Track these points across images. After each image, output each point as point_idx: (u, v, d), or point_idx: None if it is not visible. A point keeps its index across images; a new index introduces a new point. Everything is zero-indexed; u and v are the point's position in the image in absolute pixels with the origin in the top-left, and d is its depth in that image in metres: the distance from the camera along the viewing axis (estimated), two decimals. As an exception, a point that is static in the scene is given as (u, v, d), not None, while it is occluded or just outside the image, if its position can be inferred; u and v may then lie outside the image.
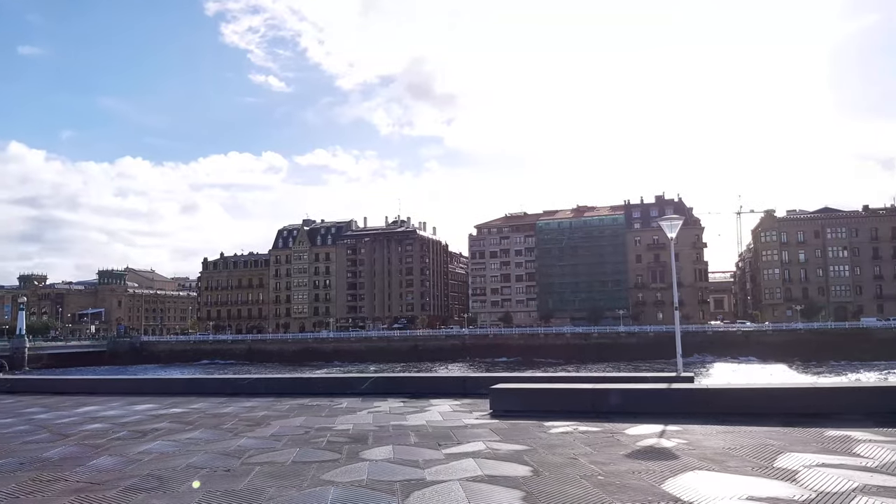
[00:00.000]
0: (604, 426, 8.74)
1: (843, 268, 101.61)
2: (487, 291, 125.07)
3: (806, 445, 7.18)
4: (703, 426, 8.55)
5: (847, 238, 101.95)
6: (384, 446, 7.67)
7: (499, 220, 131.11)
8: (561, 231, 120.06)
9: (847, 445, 7.11)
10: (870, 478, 5.61)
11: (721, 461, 6.40)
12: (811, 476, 5.70)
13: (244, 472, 6.41)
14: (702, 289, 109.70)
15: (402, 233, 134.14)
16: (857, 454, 6.65)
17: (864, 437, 7.54)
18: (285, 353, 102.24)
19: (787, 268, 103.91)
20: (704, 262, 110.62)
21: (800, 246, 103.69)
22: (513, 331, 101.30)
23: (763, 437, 7.68)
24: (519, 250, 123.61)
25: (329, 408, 11.85)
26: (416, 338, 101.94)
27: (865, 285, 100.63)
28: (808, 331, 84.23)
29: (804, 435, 7.82)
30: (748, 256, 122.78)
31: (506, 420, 9.57)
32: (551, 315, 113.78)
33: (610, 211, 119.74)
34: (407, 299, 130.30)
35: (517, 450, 7.21)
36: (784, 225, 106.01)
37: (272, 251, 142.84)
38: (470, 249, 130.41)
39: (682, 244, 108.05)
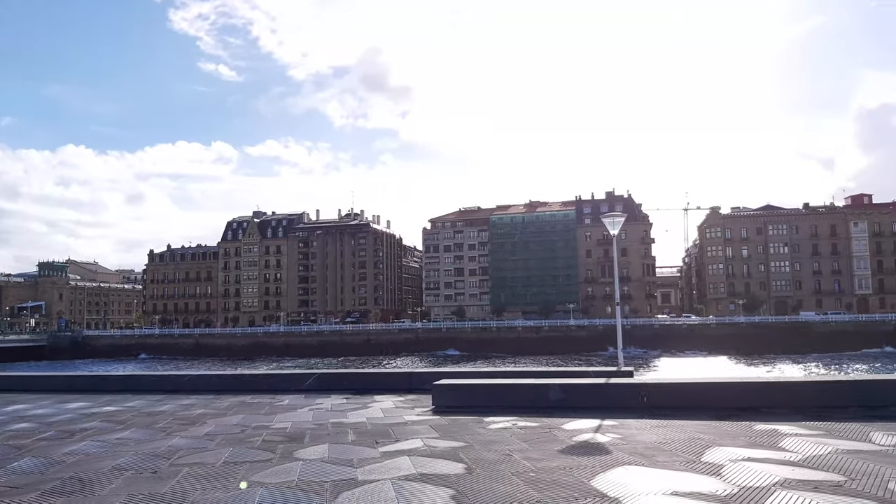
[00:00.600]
0: (542, 421, 8.81)
1: (783, 264, 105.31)
2: (441, 285, 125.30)
3: (734, 439, 7.36)
4: (638, 420, 8.69)
5: (788, 235, 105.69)
6: (320, 445, 7.56)
7: (453, 215, 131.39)
8: (514, 226, 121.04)
9: (773, 439, 7.32)
10: (791, 472, 5.77)
11: (651, 456, 6.51)
12: (735, 470, 5.84)
13: (171, 474, 6.22)
14: (649, 283, 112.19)
15: (356, 226, 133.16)
16: (783, 448, 6.85)
17: (790, 431, 7.77)
18: (234, 348, 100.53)
19: (731, 263, 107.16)
20: (652, 258, 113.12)
21: (743, 242, 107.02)
22: (466, 324, 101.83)
23: (694, 431, 7.86)
24: (472, 244, 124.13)
25: (270, 405, 11.64)
26: (369, 332, 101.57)
27: (805, 281, 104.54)
28: (750, 325, 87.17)
29: (734, 429, 8.03)
30: (694, 252, 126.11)
31: (447, 416, 9.56)
32: (504, 309, 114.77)
33: (562, 206, 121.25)
34: (360, 293, 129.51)
35: (454, 447, 7.20)
36: (728, 222, 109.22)
37: (221, 243, 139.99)
38: (424, 243, 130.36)
39: (631, 240, 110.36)
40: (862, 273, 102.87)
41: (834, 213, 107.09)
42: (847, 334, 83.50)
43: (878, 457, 6.40)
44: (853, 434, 7.56)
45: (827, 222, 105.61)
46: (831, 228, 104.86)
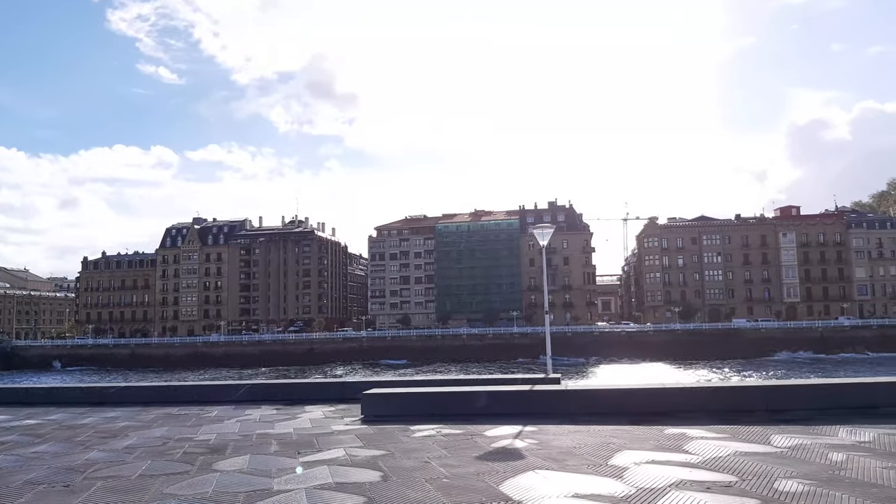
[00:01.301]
0: (467, 428, 9.02)
1: (717, 272, 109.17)
2: (387, 293, 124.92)
3: (643, 443, 7.73)
4: (557, 426, 9.00)
5: (721, 245, 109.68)
6: (241, 456, 7.57)
7: (399, 223, 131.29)
8: (459, 234, 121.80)
9: (680, 442, 7.71)
10: (689, 473, 6.12)
11: (562, 460, 6.79)
12: (638, 473, 6.16)
13: (83, 488, 6.15)
14: (590, 291, 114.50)
15: (300, 233, 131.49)
16: (686, 451, 7.24)
17: (697, 435, 8.19)
18: (172, 359, 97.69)
19: (668, 272, 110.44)
20: (593, 266, 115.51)
21: (679, 252, 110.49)
22: (411, 333, 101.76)
23: (608, 436, 8.20)
24: (418, 252, 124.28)
25: (197, 417, 11.51)
26: (312, 341, 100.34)
27: (737, 289, 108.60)
28: (685, 331, 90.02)
29: (645, 433, 8.41)
30: (633, 261, 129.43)
31: (375, 425, 9.67)
32: (449, 317, 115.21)
33: (506, 215, 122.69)
34: (304, 301, 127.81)
35: (375, 455, 7.33)
36: (665, 232, 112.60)
37: (159, 250, 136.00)
38: (370, 251, 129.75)
39: (573, 249, 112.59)
40: (790, 282, 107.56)
41: (764, 223, 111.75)
42: (776, 340, 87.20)
43: (772, 458, 6.83)
44: (755, 437, 8.02)
45: (757, 233, 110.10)
46: (762, 239, 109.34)
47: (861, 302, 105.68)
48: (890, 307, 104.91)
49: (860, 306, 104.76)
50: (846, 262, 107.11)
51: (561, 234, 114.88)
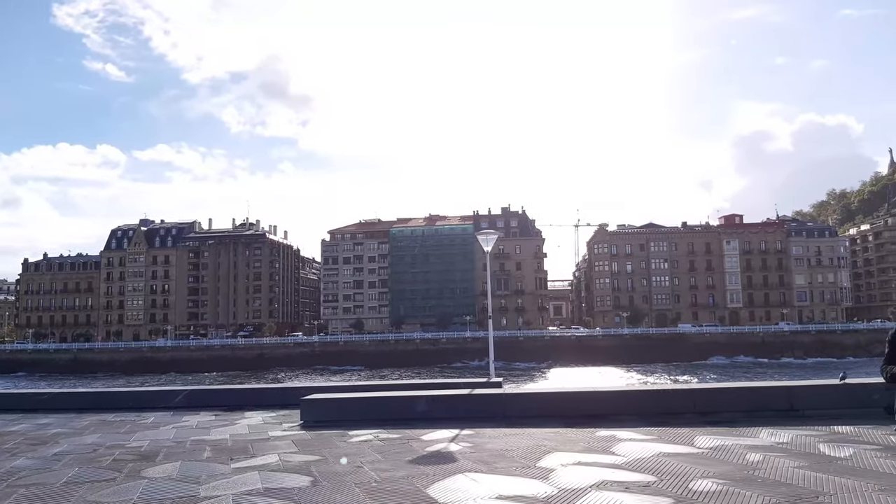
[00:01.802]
0: (405, 433, 9.09)
1: (664, 278, 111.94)
2: (340, 298, 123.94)
3: (574, 445, 7.94)
4: (494, 429, 9.15)
5: (668, 251, 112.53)
6: (172, 463, 7.48)
7: (353, 226, 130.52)
8: (414, 239, 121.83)
9: (608, 444, 7.95)
10: (611, 474, 6.33)
11: (492, 463, 6.93)
12: (563, 474, 6.34)
13: (3, 496, 6.00)
14: (542, 296, 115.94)
15: (251, 236, 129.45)
16: (613, 452, 7.47)
17: (627, 437, 8.45)
18: (117, 364, 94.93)
19: (617, 278, 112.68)
20: (545, 271, 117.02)
21: (628, 258, 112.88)
22: (364, 338, 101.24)
23: (541, 439, 8.38)
24: (372, 256, 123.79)
25: (132, 423, 11.28)
26: (263, 346, 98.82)
27: (683, 295, 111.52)
28: (633, 336, 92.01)
29: (577, 435, 8.63)
30: (584, 266, 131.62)
31: (313, 431, 9.66)
32: (403, 321, 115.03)
33: (460, 221, 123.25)
34: (254, 306, 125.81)
35: (308, 461, 7.34)
36: (614, 238, 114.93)
37: (104, 253, 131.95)
38: (323, 255, 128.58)
39: (525, 254, 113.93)
40: (733, 288, 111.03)
41: (709, 231, 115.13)
42: (720, 345, 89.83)
43: (693, 459, 7.11)
44: (680, 438, 8.32)
45: (703, 240, 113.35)
46: (706, 246, 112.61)
47: (800, 308, 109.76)
48: (828, 313, 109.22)
49: (799, 312, 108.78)
50: (786, 269, 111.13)
51: (514, 239, 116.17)
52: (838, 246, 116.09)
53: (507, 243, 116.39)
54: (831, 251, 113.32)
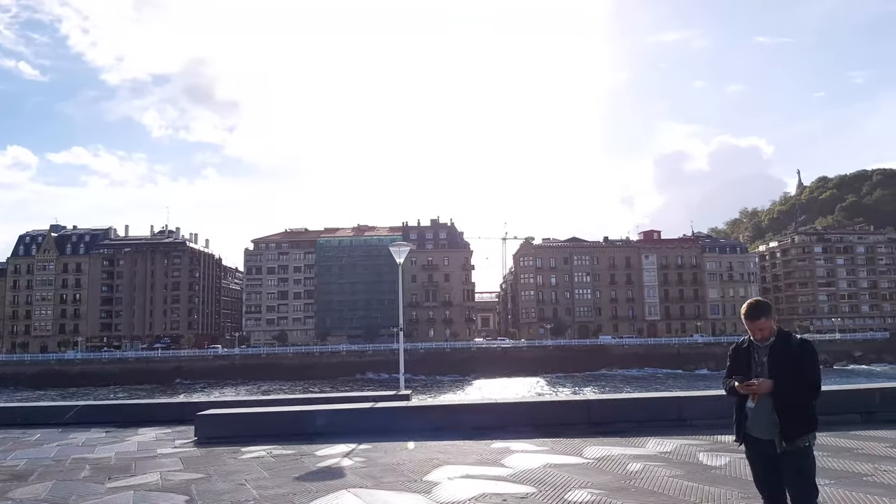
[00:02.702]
0: (300, 448, 8.93)
1: (586, 291, 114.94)
2: (263, 309, 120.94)
3: (466, 457, 8.00)
4: (394, 443, 9.12)
5: (590, 265, 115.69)
6: (45, 483, 7.10)
7: (278, 235, 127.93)
8: (341, 249, 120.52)
9: (500, 456, 8.05)
10: (494, 486, 6.42)
11: (380, 477, 6.90)
12: (447, 487, 6.38)
13: None
14: (469, 308, 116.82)
15: (170, 244, 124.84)
16: (503, 464, 7.57)
17: (519, 448, 8.59)
18: (21, 377, 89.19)
19: (541, 290, 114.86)
20: (472, 283, 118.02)
21: (552, 271, 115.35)
22: (287, 349, 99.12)
23: (437, 452, 8.41)
24: (298, 267, 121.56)
25: (15, 441, 10.63)
26: (180, 358, 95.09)
27: (604, 307, 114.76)
28: (556, 347, 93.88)
29: (473, 447, 8.70)
30: (510, 279, 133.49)
31: (206, 447, 9.37)
32: (329, 333, 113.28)
33: (389, 231, 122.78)
34: (172, 317, 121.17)
35: (190, 479, 7.11)
36: (539, 251, 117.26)
37: (11, 259, 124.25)
38: (246, 264, 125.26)
39: (453, 266, 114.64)
40: (651, 301, 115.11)
41: (629, 246, 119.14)
42: (638, 356, 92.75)
43: (577, 469, 7.30)
44: (570, 449, 8.52)
45: (623, 254, 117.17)
46: (627, 260, 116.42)
47: (713, 321, 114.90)
48: (739, 325, 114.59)
49: (713, 324, 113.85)
50: (701, 283, 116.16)
51: (443, 251, 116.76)
52: (748, 262, 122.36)
53: (435, 255, 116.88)
54: (742, 267, 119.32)
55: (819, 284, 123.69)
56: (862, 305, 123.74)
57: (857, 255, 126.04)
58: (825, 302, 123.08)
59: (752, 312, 4.22)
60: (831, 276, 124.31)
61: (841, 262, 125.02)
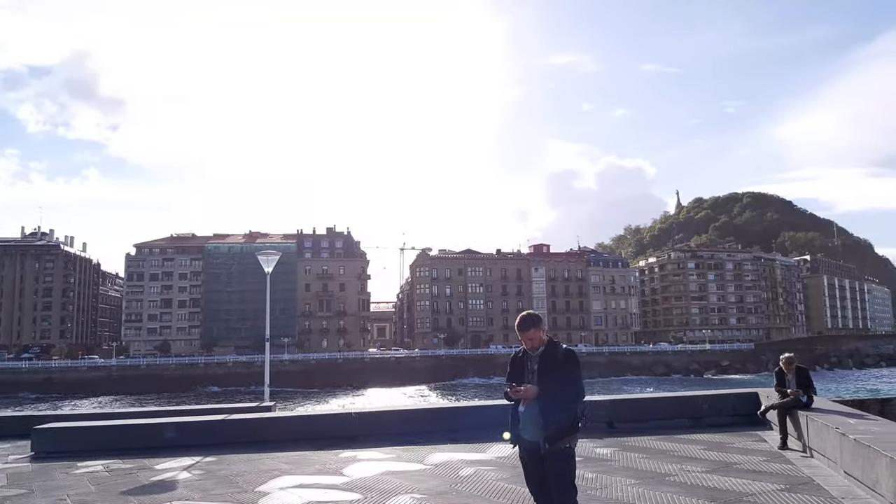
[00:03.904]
0: (141, 462, 8.73)
1: (479, 302, 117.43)
2: (144, 317, 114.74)
3: (309, 467, 8.13)
4: (244, 455, 9.07)
5: (483, 276, 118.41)
6: None
7: (163, 240, 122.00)
8: (231, 256, 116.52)
9: (343, 465, 8.23)
10: (323, 494, 6.62)
11: (210, 490, 6.92)
12: (275, 497, 6.52)
13: None
14: (364, 318, 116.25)
15: (42, 247, 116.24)
16: (342, 473, 7.76)
17: (367, 457, 8.81)
18: None
19: (436, 300, 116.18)
20: (368, 293, 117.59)
21: (447, 282, 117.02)
22: (170, 361, 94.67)
23: (282, 462, 8.48)
24: (184, 273, 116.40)
25: None
26: (51, 369, 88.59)
27: (495, 317, 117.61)
28: (448, 356, 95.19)
29: (320, 457, 8.84)
30: (406, 289, 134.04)
31: (42, 462, 8.96)
32: (215, 343, 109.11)
33: (283, 239, 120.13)
34: (43, 325, 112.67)
35: (9, 496, 6.85)
36: (435, 262, 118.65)
37: None
38: (127, 270, 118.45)
39: (349, 275, 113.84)
40: (540, 312, 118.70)
41: (520, 259, 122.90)
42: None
43: (413, 475, 7.61)
44: (415, 457, 8.83)
45: (514, 267, 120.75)
46: (518, 272, 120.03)
47: (597, 331, 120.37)
48: (619, 336, 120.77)
49: (596, 335, 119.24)
50: (586, 295, 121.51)
51: (338, 260, 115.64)
52: (630, 276, 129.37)
53: (331, 264, 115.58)
54: (624, 280, 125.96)
55: (692, 298, 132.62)
56: (730, 318, 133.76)
57: (726, 271, 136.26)
58: (697, 314, 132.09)
59: (522, 324, 4.51)
60: (703, 290, 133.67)
61: (712, 277, 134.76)
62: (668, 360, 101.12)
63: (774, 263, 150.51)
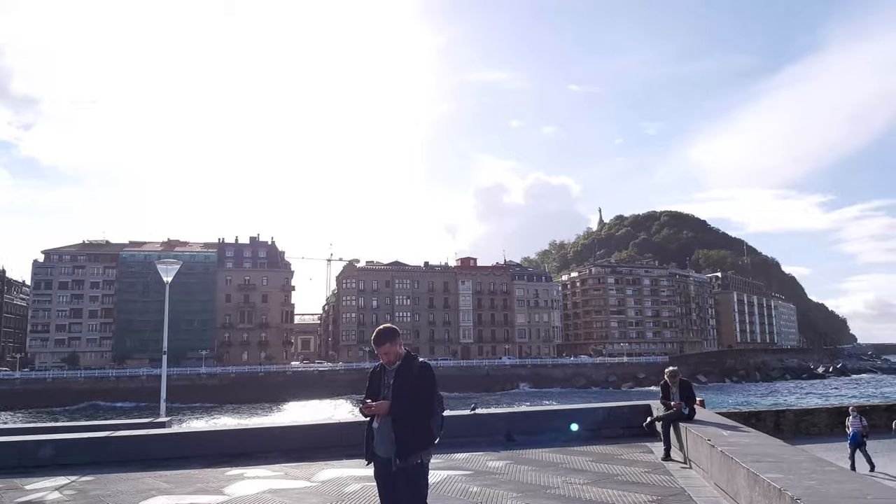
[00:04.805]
0: (12, 482, 8.28)
1: (406, 314, 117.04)
2: (52, 328, 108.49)
3: (188, 486, 7.88)
4: (125, 473, 8.71)
5: (411, 289, 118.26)
6: None
7: (74, 247, 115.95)
8: (147, 265, 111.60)
9: (226, 484, 8.02)
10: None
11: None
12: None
13: None
14: (287, 330, 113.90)
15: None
16: (222, 492, 7.58)
17: (254, 474, 8.62)
18: None
19: (363, 312, 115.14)
20: (292, 305, 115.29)
21: (374, 293, 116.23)
22: (79, 374, 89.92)
23: (163, 481, 8.20)
24: (96, 282, 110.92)
25: None
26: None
27: (422, 330, 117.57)
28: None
29: (206, 475, 8.59)
30: (333, 301, 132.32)
31: None
32: (129, 356, 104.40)
33: (203, 247, 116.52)
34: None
35: None
36: (362, 274, 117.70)
37: None
38: (34, 278, 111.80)
39: (272, 286, 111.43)
40: (466, 325, 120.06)
41: (447, 271, 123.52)
42: (453, 378, 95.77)
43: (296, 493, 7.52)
44: (306, 473, 8.72)
45: (442, 279, 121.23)
46: (445, 285, 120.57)
47: (520, 343, 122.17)
48: (542, 348, 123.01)
49: (520, 347, 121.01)
50: (510, 308, 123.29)
51: (261, 270, 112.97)
52: (553, 290, 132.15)
53: (253, 274, 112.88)
54: (547, 294, 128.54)
55: (611, 312, 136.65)
56: (647, 332, 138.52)
57: (643, 286, 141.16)
58: (616, 328, 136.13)
59: (378, 338, 4.46)
60: (622, 304, 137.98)
61: (630, 292, 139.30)
62: (587, 372, 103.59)
63: (688, 280, 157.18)
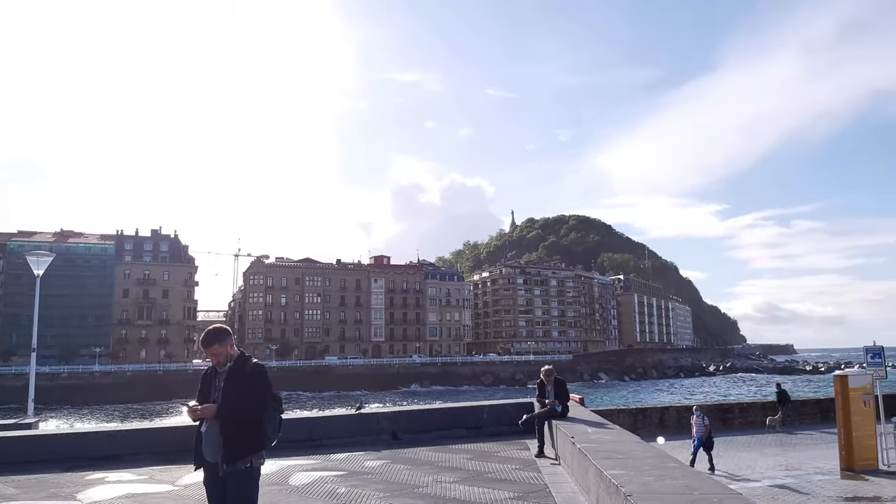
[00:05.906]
0: None
1: (316, 312, 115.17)
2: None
3: (40, 493, 7.50)
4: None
5: (322, 286, 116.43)
6: None
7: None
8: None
9: (81, 489, 7.67)
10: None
11: None
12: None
13: None
14: (190, 327, 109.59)
15: None
16: (76, 498, 7.25)
17: (115, 478, 8.30)
18: None
19: (270, 310, 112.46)
20: (195, 301, 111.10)
21: (283, 291, 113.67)
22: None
23: (14, 486, 7.77)
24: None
25: None
26: None
27: (332, 328, 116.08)
28: (280, 368, 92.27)
29: (62, 479, 8.20)
30: (239, 297, 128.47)
31: None
32: (14, 353, 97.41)
33: (99, 239, 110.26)
34: None
35: None
36: (271, 270, 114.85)
37: None
38: None
39: (174, 281, 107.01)
40: (378, 323, 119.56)
41: (360, 269, 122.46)
42: (362, 377, 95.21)
43: (158, 497, 7.31)
44: (171, 477, 8.46)
45: (354, 277, 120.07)
46: (357, 283, 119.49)
47: (431, 342, 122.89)
48: (452, 347, 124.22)
49: (430, 345, 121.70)
50: (422, 307, 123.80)
51: (162, 265, 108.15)
52: (464, 289, 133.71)
53: (154, 268, 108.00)
54: (459, 293, 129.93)
55: (519, 311, 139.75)
56: (553, 331, 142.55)
57: (550, 287, 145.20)
58: (524, 327, 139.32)
59: (206, 340, 4.32)
60: (530, 304, 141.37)
61: (538, 292, 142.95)
62: (496, 370, 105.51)
63: (593, 281, 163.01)
